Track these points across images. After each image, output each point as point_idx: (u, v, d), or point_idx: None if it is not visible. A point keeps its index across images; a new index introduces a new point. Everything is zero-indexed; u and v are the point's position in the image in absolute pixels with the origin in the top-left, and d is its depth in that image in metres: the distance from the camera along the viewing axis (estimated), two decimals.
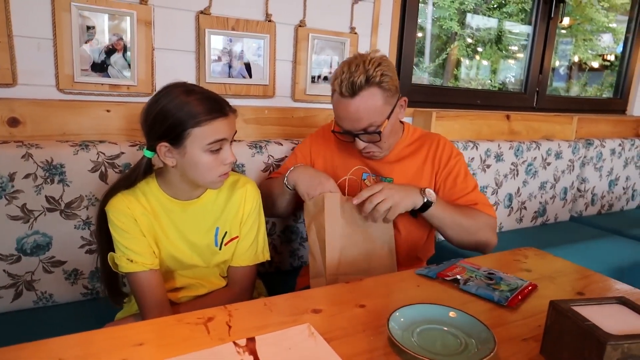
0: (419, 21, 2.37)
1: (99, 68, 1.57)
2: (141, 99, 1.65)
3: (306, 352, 0.81)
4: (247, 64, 1.84)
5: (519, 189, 2.50)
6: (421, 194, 1.31)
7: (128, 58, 1.61)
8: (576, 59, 3.65)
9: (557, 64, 3.48)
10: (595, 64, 3.69)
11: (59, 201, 1.41)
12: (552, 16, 2.86)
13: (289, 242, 1.86)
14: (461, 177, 1.47)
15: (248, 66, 1.84)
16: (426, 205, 1.31)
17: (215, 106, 1.11)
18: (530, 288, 1.11)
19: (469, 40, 3.12)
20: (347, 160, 1.51)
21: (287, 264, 1.88)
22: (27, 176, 1.36)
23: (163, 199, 1.21)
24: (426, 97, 2.51)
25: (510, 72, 3.31)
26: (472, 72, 3.24)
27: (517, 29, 3.14)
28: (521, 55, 3.11)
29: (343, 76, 1.29)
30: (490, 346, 0.81)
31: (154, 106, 1.10)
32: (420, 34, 2.64)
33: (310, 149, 1.59)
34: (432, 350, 0.82)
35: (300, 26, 1.92)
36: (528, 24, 2.96)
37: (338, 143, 1.53)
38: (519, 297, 1.05)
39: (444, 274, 1.15)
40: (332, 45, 2.02)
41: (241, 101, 1.84)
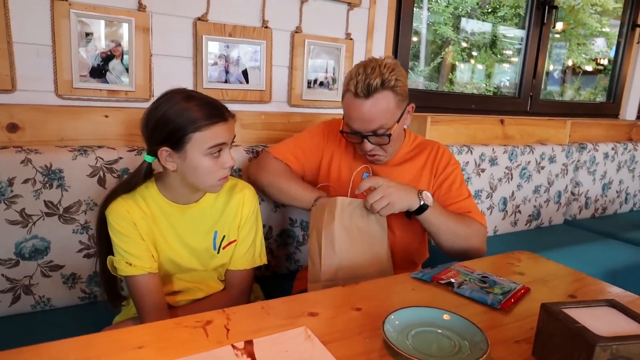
0: (413, 26, 2.40)
1: (97, 74, 1.59)
2: (139, 104, 1.67)
3: (303, 354, 0.82)
4: (244, 69, 1.85)
5: (513, 192, 2.52)
6: (418, 197, 1.32)
7: (126, 64, 1.62)
8: (570, 63, 3.68)
9: (551, 68, 3.51)
10: (588, 68, 3.72)
11: (57, 206, 1.43)
12: (545, 21, 2.89)
13: (285, 246, 1.87)
14: (457, 184, 1.49)
15: (245, 72, 1.86)
16: (422, 208, 1.33)
17: (214, 111, 1.13)
18: (523, 291, 1.12)
19: (463, 45, 3.15)
20: (351, 162, 1.53)
21: (283, 268, 1.89)
22: (26, 181, 1.37)
23: (162, 203, 1.22)
24: (421, 102, 2.53)
25: (505, 76, 3.33)
26: (466, 76, 3.27)
27: (511, 33, 3.17)
28: (515, 60, 3.13)
29: (359, 77, 1.30)
30: (483, 348, 0.82)
31: (155, 112, 1.12)
32: (415, 39, 2.66)
33: (326, 139, 1.58)
34: (427, 353, 0.84)
35: (296, 32, 1.94)
36: (522, 29, 2.98)
37: (347, 143, 1.55)
38: (512, 300, 1.07)
39: (438, 278, 1.17)
40: (328, 51, 2.04)
41: (238, 106, 1.85)
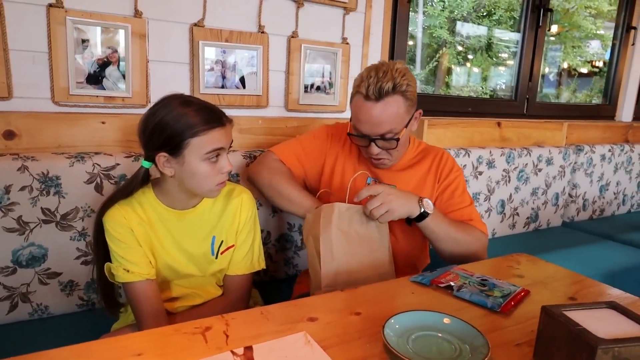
0: (409, 30, 2.40)
1: (93, 80, 1.58)
2: (136, 110, 1.66)
3: (303, 359, 0.82)
4: (241, 75, 1.85)
5: (511, 195, 2.53)
6: (419, 204, 1.32)
7: (123, 70, 1.62)
8: (565, 65, 3.69)
9: (547, 70, 3.52)
10: (584, 70, 3.74)
11: (54, 213, 1.42)
12: (541, 24, 2.89)
13: (283, 251, 1.87)
14: (459, 191, 1.49)
15: (242, 77, 1.86)
16: (422, 216, 1.33)
17: (212, 116, 1.13)
18: (523, 294, 1.12)
19: (459, 48, 3.16)
20: (355, 165, 1.53)
21: (282, 273, 1.88)
22: (22, 188, 1.37)
23: (159, 209, 1.22)
24: (418, 105, 2.51)
25: (501, 79, 3.34)
26: (463, 79, 3.27)
27: (506, 37, 3.18)
28: (511, 63, 3.14)
29: (370, 80, 1.30)
30: (484, 352, 0.82)
31: (152, 118, 1.11)
32: (411, 42, 2.67)
33: (330, 143, 1.57)
34: (427, 357, 0.83)
35: (292, 37, 1.94)
36: (517, 32, 2.99)
37: (350, 147, 1.55)
38: (512, 303, 1.07)
39: (437, 281, 1.17)
40: (325, 56, 2.04)
41: (235, 111, 1.85)
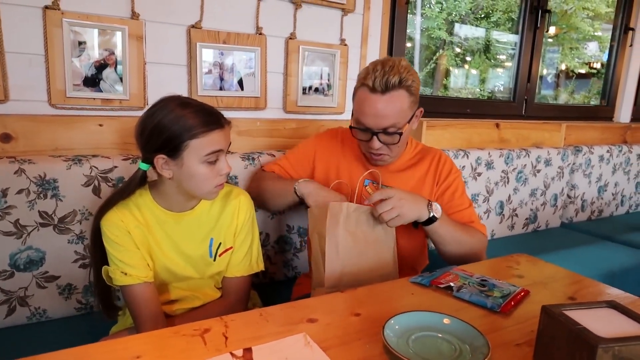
0: (407, 31, 2.40)
1: (91, 83, 1.58)
2: (134, 112, 1.66)
3: None
4: (239, 76, 1.85)
5: (509, 196, 2.52)
6: (428, 208, 1.32)
7: (120, 72, 1.61)
8: (563, 67, 3.70)
9: (545, 72, 3.52)
10: (582, 71, 3.74)
11: (52, 216, 1.41)
12: (539, 25, 2.90)
13: (282, 253, 1.86)
14: (459, 192, 1.49)
15: (240, 79, 1.86)
16: (430, 220, 1.33)
17: (211, 118, 1.12)
18: (522, 294, 1.12)
19: (457, 50, 3.16)
20: (351, 167, 1.52)
21: (281, 275, 1.88)
22: (20, 191, 1.36)
23: (157, 211, 1.21)
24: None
25: (499, 81, 3.35)
26: (461, 81, 3.27)
27: (504, 38, 3.19)
28: (509, 64, 3.15)
29: (377, 73, 1.30)
30: (484, 352, 0.81)
31: (150, 119, 1.11)
32: (409, 44, 2.67)
33: (315, 150, 1.58)
34: (427, 357, 0.83)
35: (290, 38, 1.94)
36: (515, 33, 3.00)
37: (343, 150, 1.55)
38: (512, 303, 1.06)
39: (437, 282, 1.16)
40: (323, 57, 2.04)
41: (233, 113, 1.85)
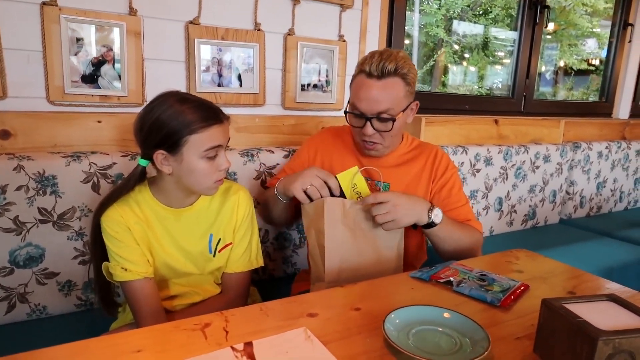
0: (405, 28, 2.40)
1: (89, 79, 1.57)
2: (132, 109, 1.66)
3: (303, 355, 0.81)
4: (238, 72, 1.85)
5: (508, 192, 2.53)
6: (428, 213, 1.32)
7: (118, 69, 1.61)
8: (562, 63, 3.70)
9: (544, 68, 3.52)
10: (580, 68, 3.74)
11: (51, 213, 1.41)
12: (537, 22, 2.90)
13: (282, 249, 1.86)
14: (456, 189, 1.50)
15: (238, 75, 1.85)
16: (429, 225, 1.33)
17: (210, 113, 1.12)
18: (522, 288, 1.12)
19: (455, 47, 3.16)
20: (344, 160, 1.52)
21: (280, 271, 1.88)
22: (19, 188, 1.36)
23: (156, 207, 1.21)
24: None
25: (498, 78, 3.35)
26: (459, 78, 3.27)
27: (503, 35, 3.18)
28: (508, 61, 3.15)
29: (374, 59, 1.34)
30: (484, 345, 0.82)
31: (149, 115, 1.10)
32: (407, 41, 2.67)
33: (308, 153, 1.59)
34: (428, 351, 0.83)
35: (289, 35, 1.93)
36: (514, 30, 3.00)
37: (335, 145, 1.55)
38: (512, 298, 1.07)
39: (437, 276, 1.16)
40: (321, 53, 2.04)
41: (232, 110, 1.84)
